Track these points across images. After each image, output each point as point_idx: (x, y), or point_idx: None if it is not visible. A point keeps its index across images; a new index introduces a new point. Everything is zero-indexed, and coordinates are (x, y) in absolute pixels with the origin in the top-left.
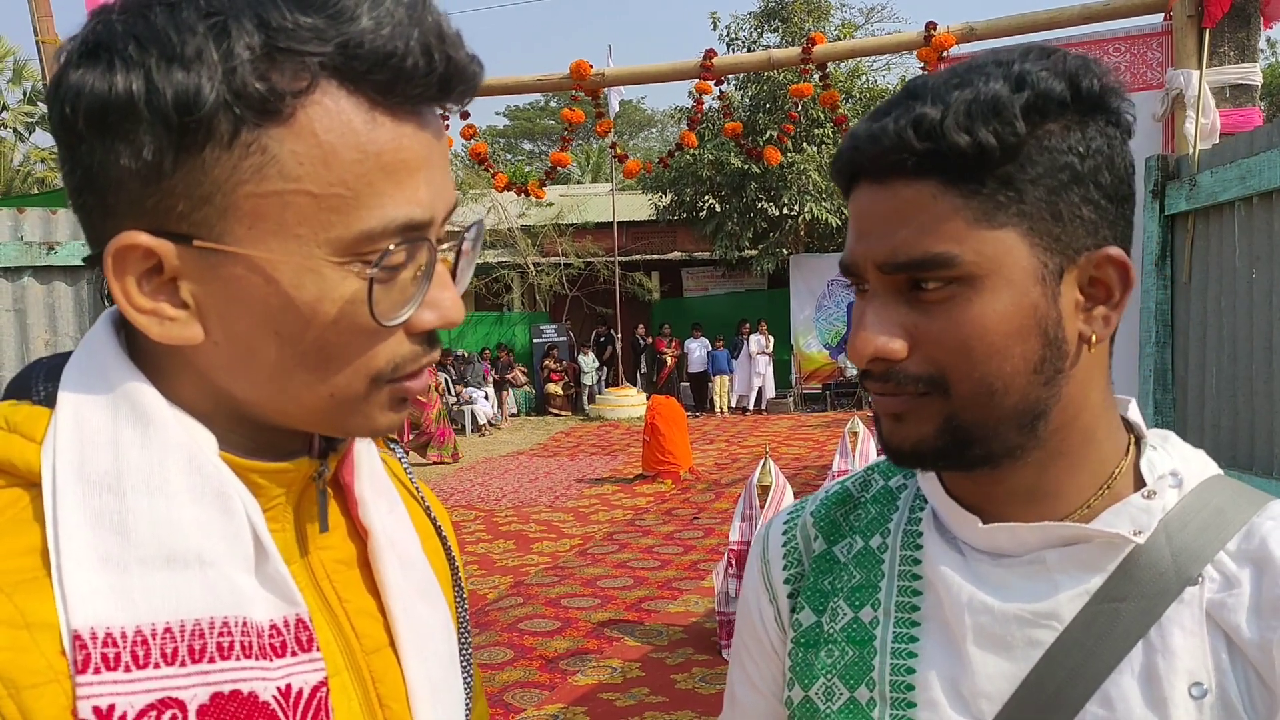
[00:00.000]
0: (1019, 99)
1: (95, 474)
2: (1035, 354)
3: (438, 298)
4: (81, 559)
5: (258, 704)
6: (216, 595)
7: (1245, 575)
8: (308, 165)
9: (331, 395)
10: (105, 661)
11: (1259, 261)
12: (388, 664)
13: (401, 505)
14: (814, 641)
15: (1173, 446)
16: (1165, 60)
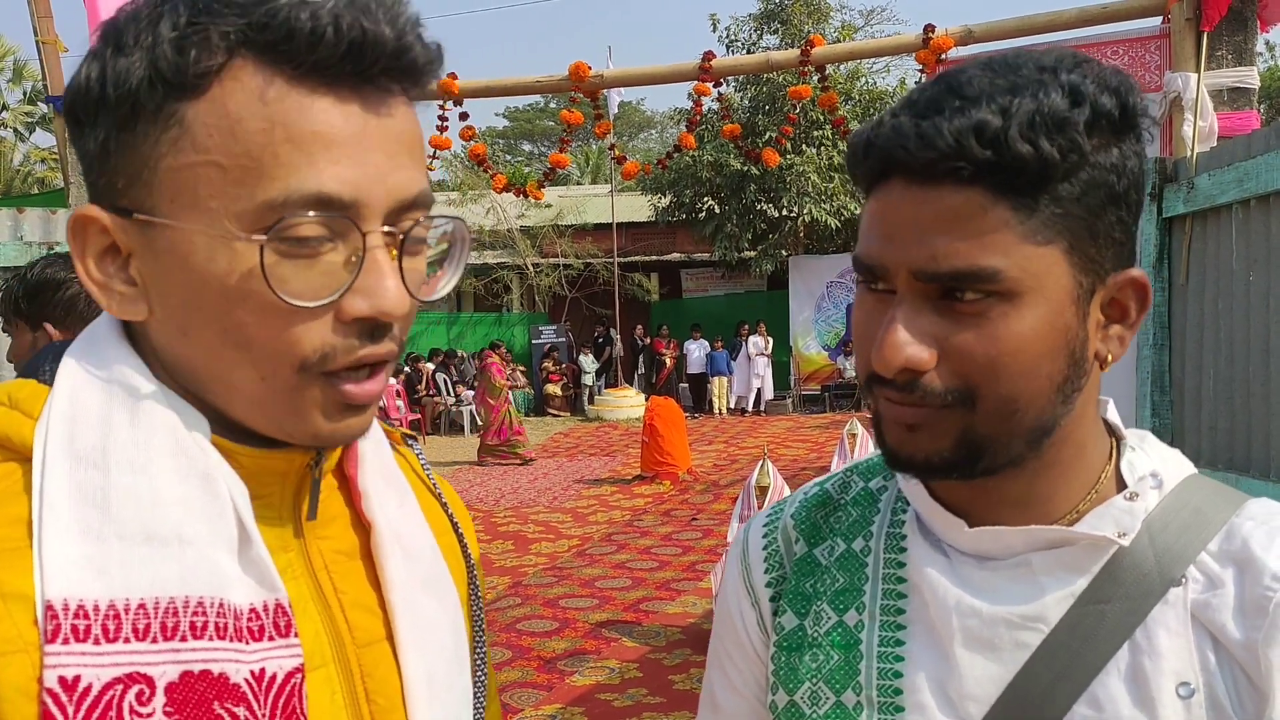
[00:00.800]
0: (1081, 114)
1: (83, 449)
2: (1060, 373)
3: (371, 285)
4: (62, 531)
5: (228, 685)
6: (194, 574)
7: (1228, 575)
8: (216, 137)
9: (263, 380)
10: (75, 632)
11: (1256, 264)
12: (380, 658)
13: (413, 500)
14: (797, 645)
15: (1150, 446)
16: (1163, 63)
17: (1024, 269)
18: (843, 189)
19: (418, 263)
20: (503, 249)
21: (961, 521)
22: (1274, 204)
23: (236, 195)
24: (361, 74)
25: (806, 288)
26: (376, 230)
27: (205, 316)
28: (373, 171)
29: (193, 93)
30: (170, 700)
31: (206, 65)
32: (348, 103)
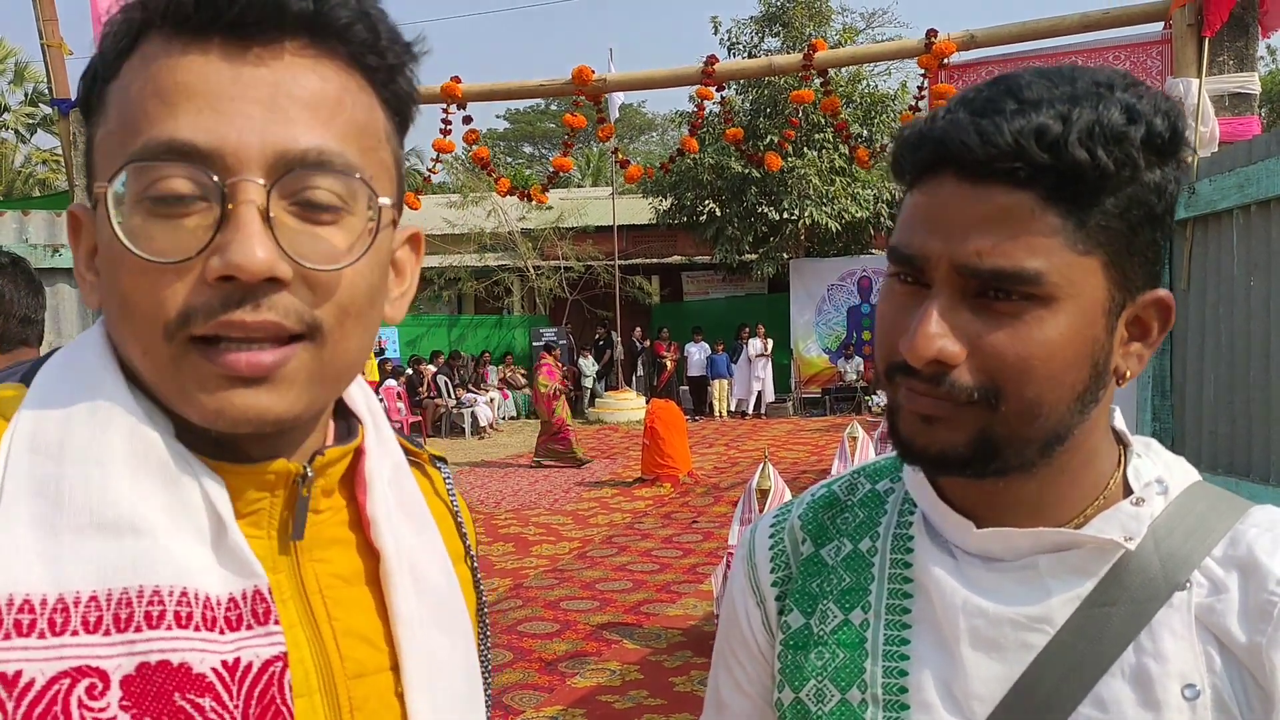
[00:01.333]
0: (1137, 131)
1: (42, 444)
2: (1082, 383)
3: (227, 239)
4: (14, 526)
5: (190, 676)
6: (148, 564)
7: (1233, 581)
8: (115, 108)
9: (145, 354)
10: (17, 628)
11: (1257, 269)
12: (373, 692)
13: (434, 529)
14: (803, 644)
15: (1156, 453)
16: (1165, 68)
17: (1064, 276)
18: (844, 192)
19: (326, 233)
20: (504, 251)
21: (970, 523)
22: (1275, 209)
23: (119, 155)
24: (225, 22)
25: (807, 291)
26: (245, 182)
27: (107, 288)
28: (242, 123)
29: (112, 75)
30: (126, 693)
31: (118, 48)
32: (215, 55)
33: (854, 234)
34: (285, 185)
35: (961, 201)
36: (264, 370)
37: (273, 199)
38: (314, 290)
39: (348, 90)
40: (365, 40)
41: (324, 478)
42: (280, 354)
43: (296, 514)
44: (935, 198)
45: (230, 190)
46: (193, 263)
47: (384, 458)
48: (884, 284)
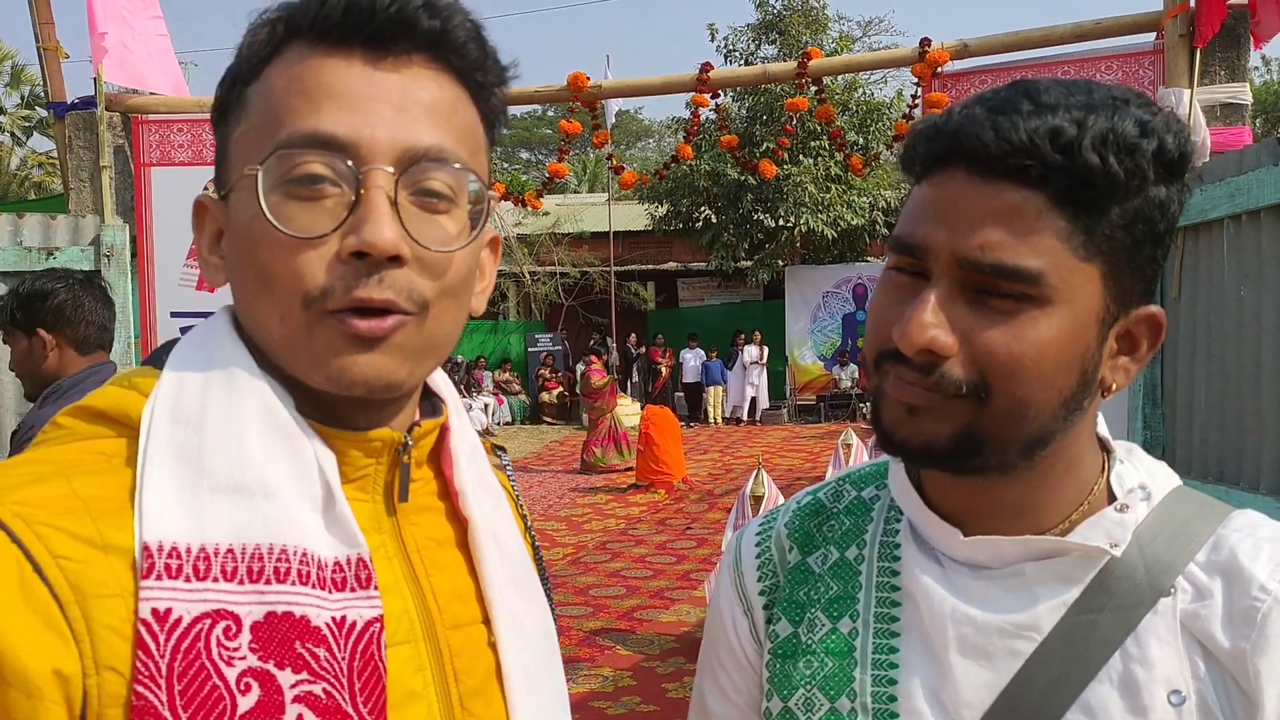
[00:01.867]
0: (1149, 144)
1: (183, 413)
2: (1070, 389)
3: (361, 219)
4: (161, 485)
5: (309, 628)
6: (277, 525)
7: (1216, 586)
8: (257, 104)
9: (281, 320)
10: (167, 570)
11: (1247, 279)
12: (468, 641)
13: (507, 505)
14: (791, 652)
15: (1138, 459)
16: (1157, 79)
17: (1063, 279)
18: (839, 200)
19: (440, 220)
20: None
21: (956, 530)
22: (1265, 219)
23: (261, 147)
24: (365, 32)
25: (803, 298)
26: (376, 169)
27: (243, 265)
28: (375, 119)
29: (253, 77)
30: (255, 637)
31: (261, 53)
32: (357, 62)
33: (849, 241)
34: (409, 176)
35: (970, 195)
36: (380, 333)
37: (398, 187)
38: (425, 270)
39: (459, 100)
40: (476, 58)
41: (417, 449)
42: (395, 320)
43: (401, 479)
44: (944, 190)
45: (364, 177)
46: (328, 239)
47: (464, 437)
48: (882, 276)
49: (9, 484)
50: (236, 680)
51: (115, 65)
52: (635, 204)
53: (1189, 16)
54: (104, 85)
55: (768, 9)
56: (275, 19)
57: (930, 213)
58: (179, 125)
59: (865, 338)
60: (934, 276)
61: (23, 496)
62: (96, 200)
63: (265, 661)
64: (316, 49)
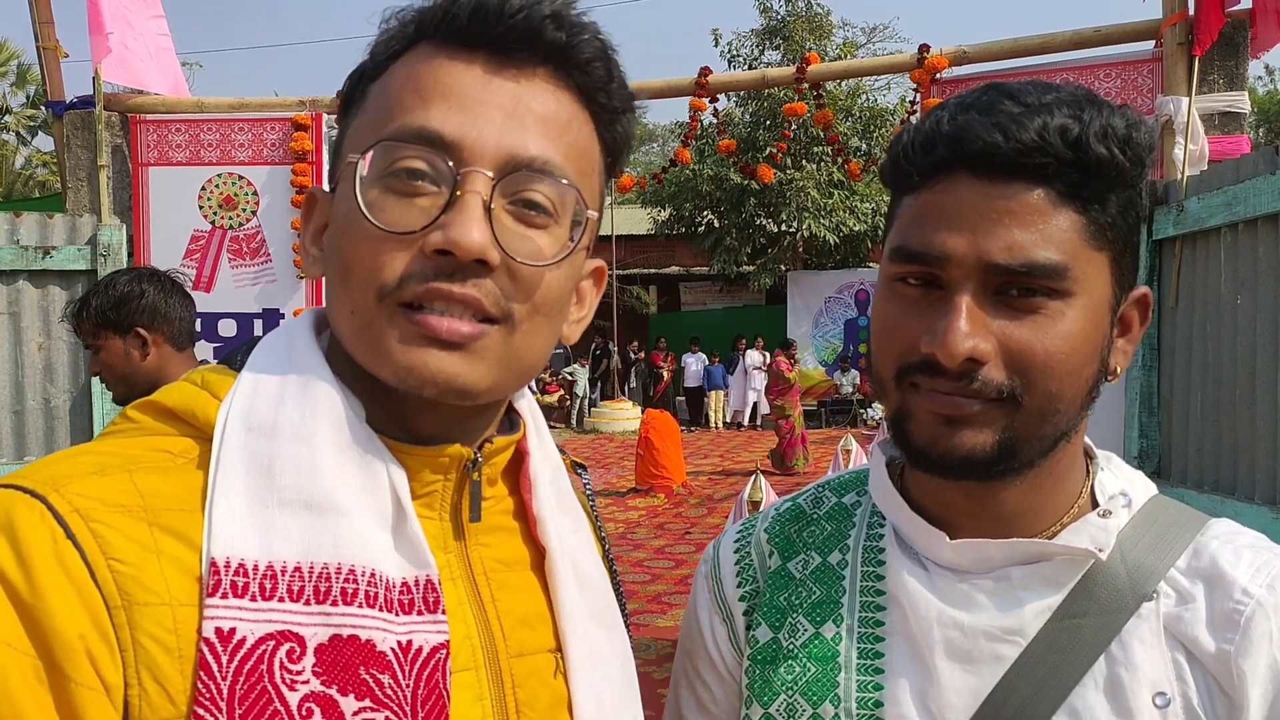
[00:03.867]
0: (1137, 135)
1: (257, 422)
2: (1093, 378)
3: (452, 220)
4: (231, 496)
5: (374, 652)
6: (347, 544)
7: (1199, 591)
8: (375, 99)
9: (353, 314)
10: (234, 588)
11: (1244, 287)
12: (533, 671)
13: (587, 526)
14: (771, 658)
15: (1117, 467)
16: (1155, 87)
17: (1083, 271)
18: (842, 205)
19: (535, 235)
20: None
21: (943, 534)
22: (1262, 228)
23: (370, 137)
24: (489, 37)
25: (805, 303)
26: (475, 173)
27: (333, 253)
28: (483, 123)
29: (378, 74)
30: (319, 660)
31: (390, 52)
32: (477, 66)
33: (852, 247)
34: (508, 183)
35: (982, 199)
36: (460, 338)
37: (495, 194)
38: (514, 281)
39: (576, 118)
40: (600, 78)
41: (489, 466)
42: (477, 328)
43: (472, 498)
44: (951, 196)
45: (462, 178)
46: (415, 236)
47: (545, 459)
48: (883, 288)
49: (71, 472)
50: (299, 705)
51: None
52: (638, 208)
53: (1188, 25)
54: (103, 85)
55: (772, 15)
56: (408, 19)
57: (942, 220)
58: (177, 125)
59: (877, 351)
60: (955, 283)
61: (83, 488)
62: (94, 199)
63: (329, 686)
64: (440, 50)
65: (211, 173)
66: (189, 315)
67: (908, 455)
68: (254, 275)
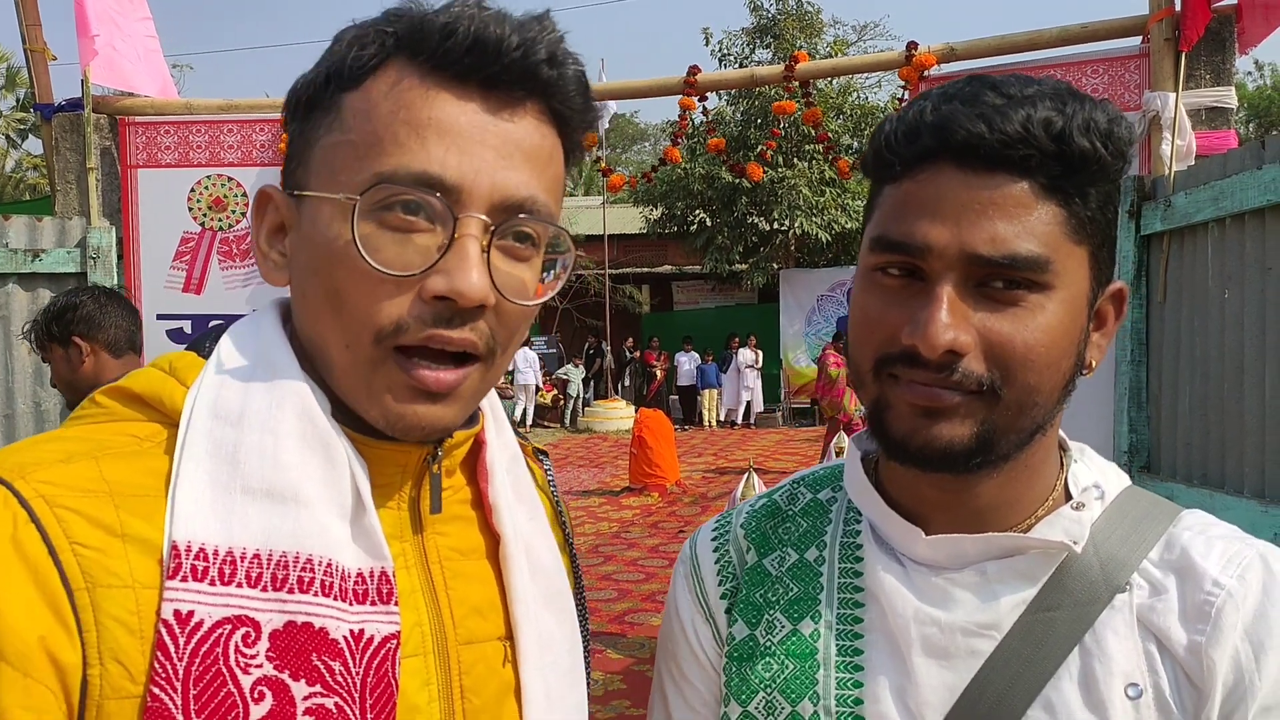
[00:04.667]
0: (1118, 129)
1: (224, 409)
2: (1069, 371)
3: (452, 266)
4: (195, 481)
5: (327, 640)
6: (306, 533)
7: (1171, 582)
8: (357, 119)
9: (347, 348)
10: (194, 572)
11: (1231, 282)
12: (481, 658)
13: (543, 515)
14: (748, 655)
15: (1090, 459)
16: (1142, 82)
17: (1064, 264)
18: (834, 203)
19: (520, 270)
20: None
21: (918, 530)
22: (1249, 223)
23: (357, 167)
24: (485, 74)
25: (797, 301)
26: (472, 218)
27: (316, 277)
28: (479, 165)
29: (352, 85)
30: (273, 646)
31: (365, 61)
32: (468, 100)
33: (844, 245)
34: (503, 226)
35: (965, 190)
36: (447, 387)
37: (492, 236)
38: (501, 319)
39: (556, 148)
40: (578, 108)
41: (449, 458)
42: (460, 374)
43: (432, 490)
44: (933, 186)
45: (460, 222)
46: (413, 279)
47: (503, 448)
48: (863, 279)
49: (38, 459)
50: (251, 688)
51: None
52: (630, 207)
53: (1174, 21)
54: (91, 87)
55: (762, 14)
56: (386, 31)
57: (925, 210)
58: (166, 127)
59: (856, 342)
60: (937, 274)
61: (50, 475)
62: (83, 202)
63: (281, 671)
64: (430, 78)
65: (201, 174)
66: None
67: (885, 447)
68: (244, 277)
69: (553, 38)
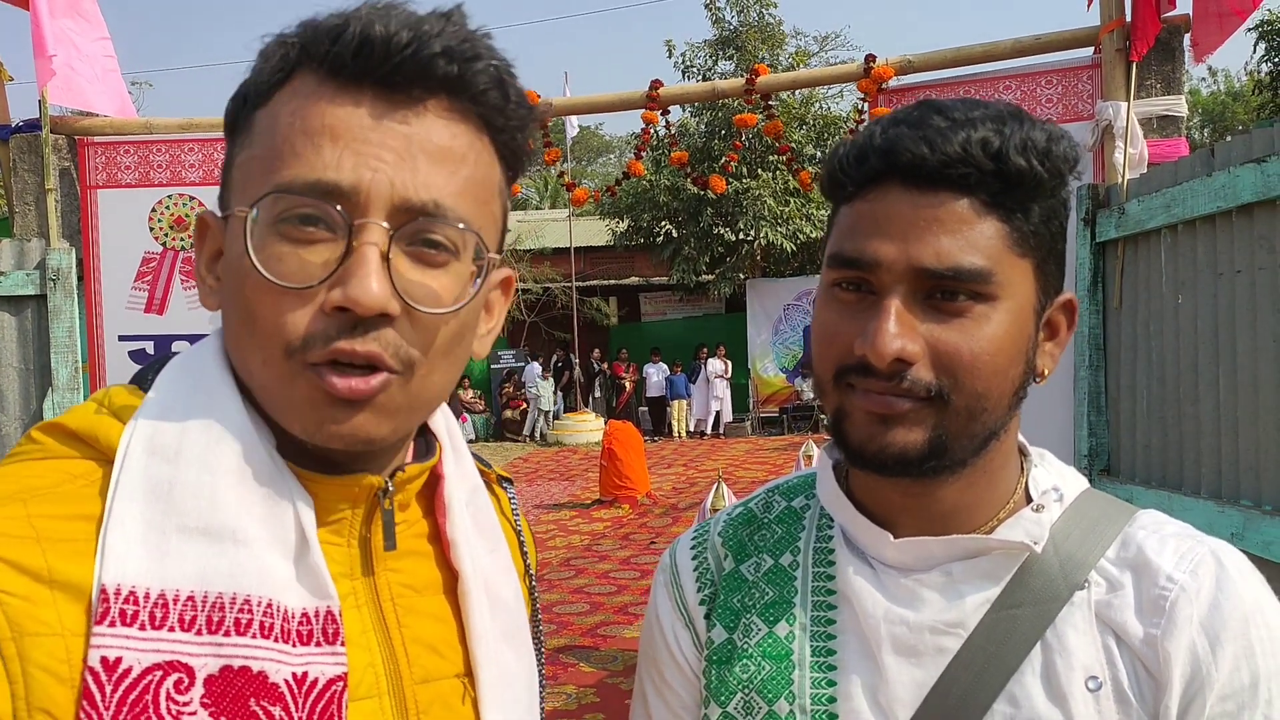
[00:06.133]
0: (1057, 149)
1: (160, 446)
2: (1018, 379)
3: (348, 275)
4: (127, 522)
5: (266, 684)
6: (244, 573)
7: (1127, 579)
8: (262, 134)
9: (264, 364)
10: (122, 616)
11: (1184, 287)
12: (438, 697)
13: (505, 548)
14: (726, 658)
15: (1049, 463)
16: (1095, 92)
17: (1006, 276)
18: (798, 213)
19: (434, 277)
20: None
21: (887, 534)
22: (1200, 229)
23: (260, 181)
24: (378, 74)
25: (764, 310)
26: (370, 224)
27: (232, 296)
28: (376, 166)
29: (261, 101)
30: (208, 692)
31: (272, 77)
32: (364, 104)
33: (809, 254)
34: (405, 231)
35: (911, 208)
36: (362, 395)
37: (392, 242)
38: (415, 327)
39: (473, 148)
40: (497, 104)
41: (402, 493)
42: (373, 382)
43: (385, 526)
44: (882, 205)
45: (357, 229)
46: (314, 290)
47: (462, 480)
48: (823, 295)
49: None
50: None
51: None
52: (596, 219)
53: (1125, 31)
54: (49, 107)
55: (724, 25)
56: (289, 44)
57: (874, 228)
58: (125, 147)
59: (817, 355)
60: (887, 287)
61: None
62: (42, 223)
63: (217, 718)
64: (326, 85)
65: (162, 194)
66: None
67: (846, 454)
68: None
69: (454, 32)
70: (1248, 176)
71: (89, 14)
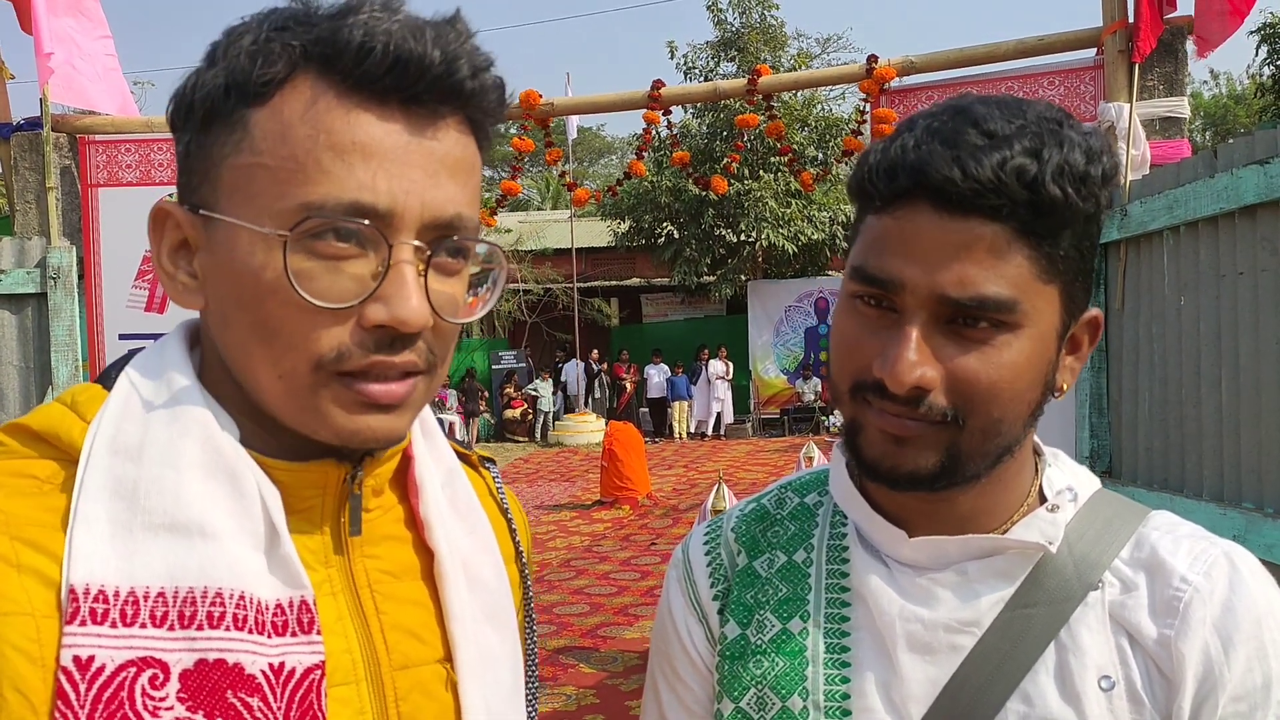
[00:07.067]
0: (1096, 170)
1: (123, 444)
2: (1035, 401)
3: (391, 294)
4: (93, 521)
5: (243, 676)
6: (213, 566)
7: (1141, 580)
8: (270, 141)
9: (280, 378)
10: (92, 615)
11: (1186, 289)
12: (418, 683)
13: (486, 527)
14: (740, 653)
15: (1063, 463)
16: (1098, 94)
17: (1032, 304)
18: (800, 215)
19: (452, 285)
20: None
21: (902, 533)
22: (1202, 230)
23: (279, 195)
24: (408, 93)
25: (765, 312)
26: (406, 244)
27: (242, 308)
28: (408, 186)
29: (258, 100)
30: (184, 686)
31: (271, 75)
32: (391, 120)
33: (810, 256)
34: (435, 246)
35: (940, 231)
36: (396, 399)
37: (425, 258)
38: (438, 336)
39: (475, 156)
40: (495, 112)
41: (373, 478)
42: (408, 385)
43: (351, 511)
44: (910, 225)
45: (395, 249)
46: (351, 309)
47: (436, 463)
48: (844, 303)
49: None
50: None
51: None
52: (598, 220)
53: (1128, 33)
54: (50, 106)
55: (726, 27)
56: (292, 44)
57: (899, 248)
58: (126, 146)
59: (835, 365)
60: (908, 310)
61: None
62: (43, 222)
63: (194, 712)
64: (349, 98)
65: (163, 192)
66: None
67: (859, 467)
68: None
69: (471, 47)
70: (1250, 178)
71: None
